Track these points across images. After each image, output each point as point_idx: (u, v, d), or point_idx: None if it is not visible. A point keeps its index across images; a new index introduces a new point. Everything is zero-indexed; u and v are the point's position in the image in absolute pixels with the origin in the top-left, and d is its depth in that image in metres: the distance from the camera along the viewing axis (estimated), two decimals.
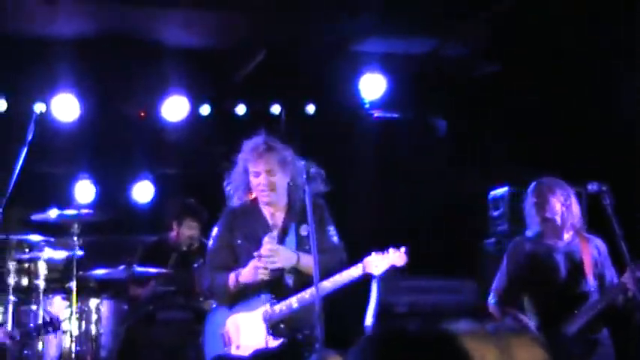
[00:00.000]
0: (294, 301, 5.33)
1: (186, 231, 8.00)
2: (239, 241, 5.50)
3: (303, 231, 5.43)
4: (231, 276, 5.39)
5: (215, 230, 5.66)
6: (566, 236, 5.81)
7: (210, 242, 5.68)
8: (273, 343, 5.30)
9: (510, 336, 3.30)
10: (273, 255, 5.32)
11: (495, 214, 8.41)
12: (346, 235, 8.36)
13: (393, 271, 5.37)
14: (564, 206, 5.73)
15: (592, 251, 5.76)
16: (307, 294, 5.27)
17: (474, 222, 8.87)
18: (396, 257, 5.33)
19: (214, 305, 5.76)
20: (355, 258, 8.18)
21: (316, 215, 5.36)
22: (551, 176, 5.93)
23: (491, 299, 5.93)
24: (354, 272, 5.32)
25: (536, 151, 8.27)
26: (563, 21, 7.96)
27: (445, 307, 8.21)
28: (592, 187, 5.61)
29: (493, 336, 3.28)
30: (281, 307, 5.35)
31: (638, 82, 7.80)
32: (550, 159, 5.76)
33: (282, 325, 5.37)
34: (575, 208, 5.79)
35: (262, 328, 5.32)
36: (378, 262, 5.32)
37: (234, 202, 5.60)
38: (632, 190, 6.92)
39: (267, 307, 5.37)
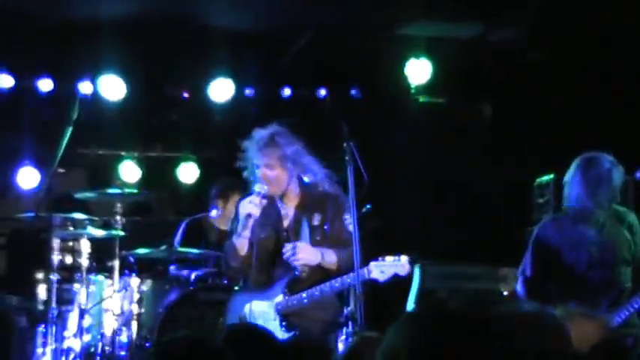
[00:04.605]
0: (304, 296, 5.38)
1: (233, 207, 8.03)
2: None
3: (315, 221, 5.48)
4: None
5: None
6: (602, 216, 5.42)
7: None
8: (284, 335, 5.33)
9: (573, 316, 3.22)
10: (297, 251, 5.37)
11: (540, 201, 8.31)
12: (390, 219, 8.33)
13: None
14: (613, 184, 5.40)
15: (626, 233, 5.41)
16: (317, 290, 5.33)
17: (519, 209, 8.75)
18: (399, 267, 5.23)
19: (236, 288, 5.81)
20: (400, 240, 8.18)
21: (331, 205, 5.49)
22: None
23: (519, 287, 5.59)
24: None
25: (583, 140, 8.14)
26: (615, 9, 7.81)
27: (486, 295, 8.14)
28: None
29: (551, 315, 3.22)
30: (292, 300, 5.41)
31: None
32: (597, 148, 5.61)
33: (292, 318, 5.42)
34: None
35: (275, 318, 5.39)
36: (383, 268, 5.21)
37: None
38: None
39: (280, 298, 5.44)
